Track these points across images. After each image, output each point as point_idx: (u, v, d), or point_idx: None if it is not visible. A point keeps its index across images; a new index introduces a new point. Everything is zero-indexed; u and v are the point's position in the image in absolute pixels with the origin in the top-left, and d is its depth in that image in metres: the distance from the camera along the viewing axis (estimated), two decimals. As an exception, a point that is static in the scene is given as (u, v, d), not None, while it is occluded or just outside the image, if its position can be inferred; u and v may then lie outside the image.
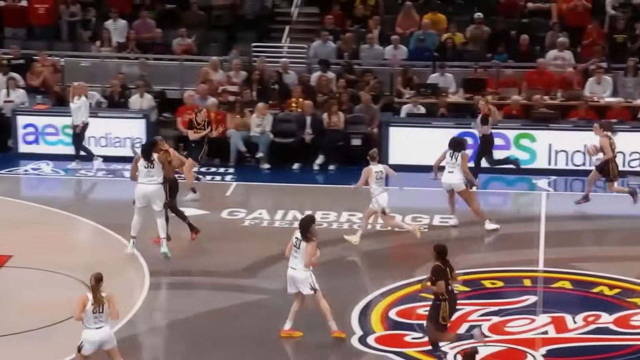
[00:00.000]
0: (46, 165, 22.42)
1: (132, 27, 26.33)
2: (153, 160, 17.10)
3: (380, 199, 17.95)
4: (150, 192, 17.20)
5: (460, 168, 18.55)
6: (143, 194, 17.23)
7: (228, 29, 27.12)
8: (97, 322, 12.44)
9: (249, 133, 23.03)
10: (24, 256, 17.26)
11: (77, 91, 22.18)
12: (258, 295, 16.00)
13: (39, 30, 26.71)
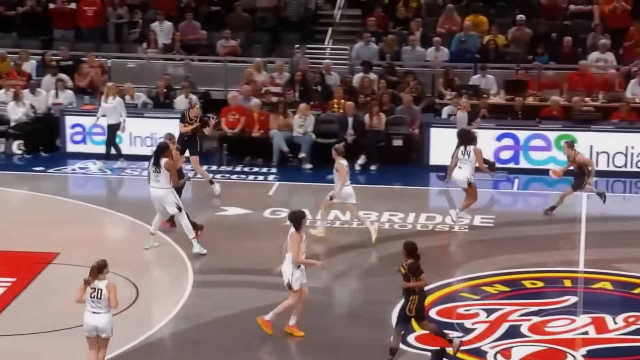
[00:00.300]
0: (93, 165, 22.53)
1: (178, 29, 26.41)
2: (160, 166, 17.12)
3: (345, 190, 18.11)
4: (158, 197, 17.34)
5: (471, 164, 18.43)
6: (152, 197, 17.43)
7: (272, 31, 27.13)
8: (93, 307, 12.63)
9: (291, 133, 23.01)
10: (70, 253, 17.34)
11: (111, 91, 22.27)
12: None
13: (87, 32, 26.86)
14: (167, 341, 14.49)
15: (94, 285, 12.61)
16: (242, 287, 16.31)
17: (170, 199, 17.26)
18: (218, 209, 19.81)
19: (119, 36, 27.00)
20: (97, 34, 26.88)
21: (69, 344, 14.25)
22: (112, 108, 22.13)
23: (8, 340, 14.45)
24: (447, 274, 16.62)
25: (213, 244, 17.86)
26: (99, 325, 12.67)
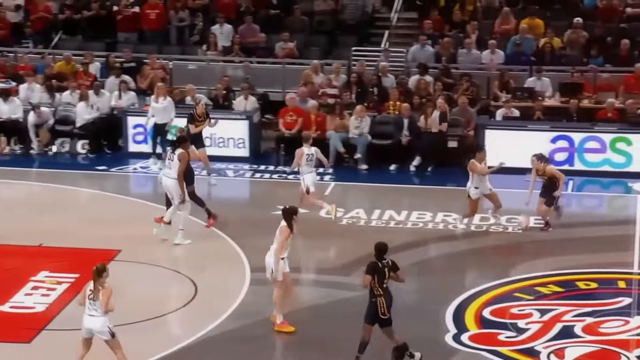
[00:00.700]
0: (154, 164, 22.64)
1: (237, 31, 26.49)
2: (174, 155, 17.36)
3: (307, 178, 18.60)
4: (167, 186, 17.60)
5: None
6: (163, 185, 17.77)
7: (329, 34, 27.11)
8: (90, 310, 12.64)
9: (347, 134, 22.98)
10: (131, 251, 17.45)
11: (161, 92, 22.38)
12: (352, 293, 15.89)
13: (150, 35, 27.04)
14: (224, 338, 14.51)
15: (91, 288, 12.57)
16: (298, 285, 16.28)
17: (176, 190, 17.48)
18: (274, 207, 19.80)
19: (180, 39, 27.15)
20: (159, 37, 27.04)
21: (127, 339, 14.32)
22: (163, 108, 22.23)
23: (71, 334, 14.57)
24: (501, 274, 16.47)
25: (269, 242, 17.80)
26: (94, 328, 12.64)
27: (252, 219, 19.26)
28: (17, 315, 15.07)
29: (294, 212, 14.57)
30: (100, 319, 12.62)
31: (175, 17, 27.15)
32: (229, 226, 18.51)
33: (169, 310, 15.01)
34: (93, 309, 12.64)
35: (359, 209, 19.87)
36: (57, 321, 14.92)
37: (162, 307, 15.05)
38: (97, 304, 12.60)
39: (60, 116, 23.77)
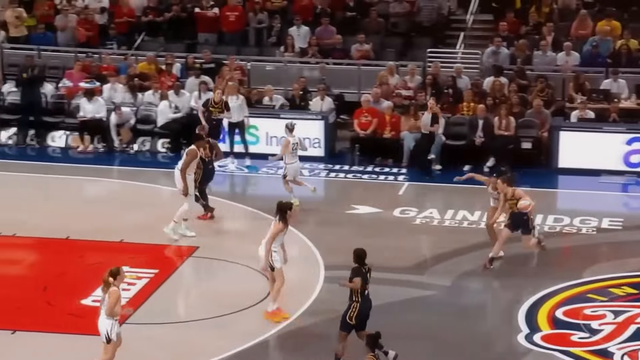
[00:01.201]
0: (231, 163, 22.75)
1: (314, 33, 26.51)
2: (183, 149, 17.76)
3: (290, 168, 19.34)
4: (176, 177, 17.90)
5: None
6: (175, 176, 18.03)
7: (404, 36, 26.99)
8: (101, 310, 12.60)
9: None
10: (209, 247, 17.56)
11: (232, 91, 22.47)
12: (425, 292, 15.82)
13: (229, 36, 27.18)
14: (298, 334, 14.53)
15: (105, 289, 12.52)
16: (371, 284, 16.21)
17: (178, 182, 17.66)
18: (349, 207, 19.81)
19: (258, 40, 27.25)
20: (238, 38, 27.16)
21: (203, 334, 14.44)
22: (237, 107, 22.33)
23: (150, 328, 14.73)
24: (574, 275, 16.25)
25: (344, 241, 17.83)
26: (99, 328, 12.56)
27: (327, 218, 19.27)
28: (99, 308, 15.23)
29: (288, 208, 14.67)
30: (103, 320, 12.49)
31: (254, 19, 27.26)
32: (304, 225, 18.51)
33: (244, 307, 15.06)
34: (102, 309, 12.56)
35: (433, 209, 19.76)
36: (137, 315, 15.07)
37: (238, 303, 15.11)
38: (104, 304, 12.48)
39: (142, 115, 24.03)
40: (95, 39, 26.74)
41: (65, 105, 24.55)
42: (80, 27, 26.58)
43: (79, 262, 16.93)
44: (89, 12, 26.96)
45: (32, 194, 20.40)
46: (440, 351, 13.97)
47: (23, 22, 26.62)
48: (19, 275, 16.75)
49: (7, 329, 14.55)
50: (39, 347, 14.07)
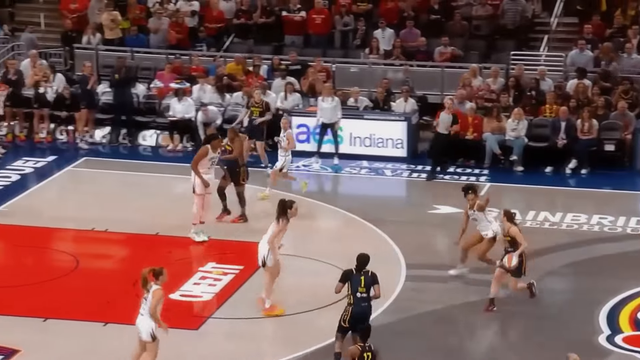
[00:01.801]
0: (316, 163, 22.82)
1: (399, 35, 26.45)
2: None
3: (288, 160, 19.86)
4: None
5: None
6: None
7: (487, 38, 26.78)
8: (140, 309, 12.60)
9: (504, 136, 22.65)
10: (292, 245, 17.58)
11: (327, 92, 22.49)
12: (505, 292, 15.65)
13: (315, 38, 27.26)
14: (378, 332, 14.50)
15: (148, 288, 12.53)
16: (451, 283, 16.16)
17: (194, 181, 17.68)
18: (430, 207, 19.73)
19: (344, 42, 27.28)
20: (324, 40, 27.23)
21: (283, 330, 14.54)
22: (331, 108, 22.37)
23: (235, 322, 14.87)
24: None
25: (425, 240, 17.82)
26: (139, 328, 12.58)
27: (408, 218, 19.23)
28: (186, 303, 15.46)
29: (289, 207, 14.89)
30: (145, 319, 12.52)
31: (339, 21, 27.30)
32: (386, 224, 18.50)
33: (325, 304, 15.10)
34: (143, 309, 12.58)
35: (514, 210, 19.49)
36: (223, 310, 15.23)
37: (319, 300, 15.16)
38: (146, 305, 12.52)
39: (229, 116, 24.22)
40: (185, 41, 27.06)
41: (156, 105, 24.90)
42: (171, 30, 26.94)
43: (167, 258, 17.16)
44: (180, 15, 27.29)
45: (123, 191, 20.74)
46: (520, 351, 13.85)
47: (118, 25, 27.07)
48: (110, 270, 17.07)
49: (98, 321, 14.84)
50: (128, 339, 14.28)
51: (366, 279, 13.27)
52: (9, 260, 17.53)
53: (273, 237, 14.79)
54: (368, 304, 13.25)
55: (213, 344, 14.43)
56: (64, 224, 18.65)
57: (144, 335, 12.57)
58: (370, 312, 13.31)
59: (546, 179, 21.98)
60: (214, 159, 17.88)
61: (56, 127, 24.54)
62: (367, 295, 13.24)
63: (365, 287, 13.22)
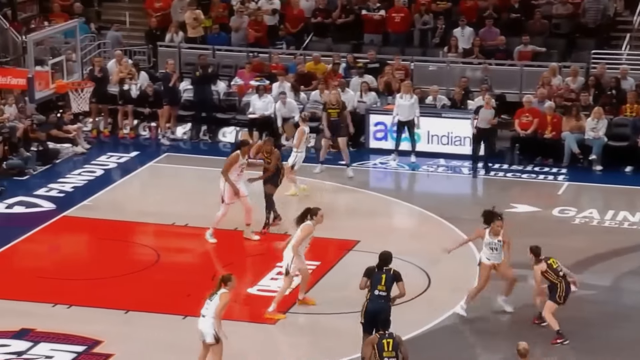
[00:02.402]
0: (392, 161, 22.82)
1: (478, 34, 26.30)
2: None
3: (300, 158, 19.80)
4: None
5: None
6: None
7: (568, 37, 26.49)
8: (203, 310, 12.65)
9: (583, 136, 22.39)
10: (369, 242, 17.69)
11: (406, 89, 22.44)
12: (585, 291, 15.52)
13: (394, 37, 27.24)
14: (454, 329, 14.52)
15: (216, 291, 12.62)
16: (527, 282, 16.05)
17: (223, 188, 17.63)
18: (508, 205, 19.60)
19: (422, 41, 27.21)
20: (403, 39, 27.20)
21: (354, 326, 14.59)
22: (409, 106, 22.33)
23: (311, 317, 14.99)
24: None
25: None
26: (201, 329, 12.66)
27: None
28: (263, 298, 15.61)
29: (314, 214, 14.99)
30: (209, 320, 12.61)
31: (419, 20, 27.24)
32: (462, 222, 18.45)
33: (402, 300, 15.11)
34: (205, 309, 12.66)
35: (592, 209, 19.38)
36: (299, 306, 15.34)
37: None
38: (210, 305, 12.58)
39: (308, 113, 24.28)
40: (264, 40, 27.27)
41: (236, 103, 25.15)
42: (250, 29, 27.17)
43: (245, 253, 17.36)
44: (260, 14, 27.50)
45: (203, 187, 20.97)
46: (599, 350, 13.72)
47: (200, 24, 27.39)
48: (190, 264, 17.31)
49: (178, 314, 15.08)
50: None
51: (387, 277, 13.30)
52: (92, 253, 17.91)
53: (297, 244, 14.85)
54: (385, 302, 13.24)
55: (290, 339, 14.57)
56: (146, 218, 18.98)
57: (208, 338, 12.70)
58: (389, 309, 13.25)
59: (626, 179, 21.68)
60: (243, 165, 17.82)
61: (139, 124, 24.95)
62: (387, 294, 13.24)
63: (385, 285, 13.23)
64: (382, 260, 13.44)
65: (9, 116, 23.06)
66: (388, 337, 12.12)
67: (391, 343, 12.05)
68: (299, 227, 15.03)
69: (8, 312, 15.10)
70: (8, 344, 14.13)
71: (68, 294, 15.75)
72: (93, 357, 13.90)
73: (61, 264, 17.03)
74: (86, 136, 24.24)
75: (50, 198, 20.23)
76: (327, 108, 21.63)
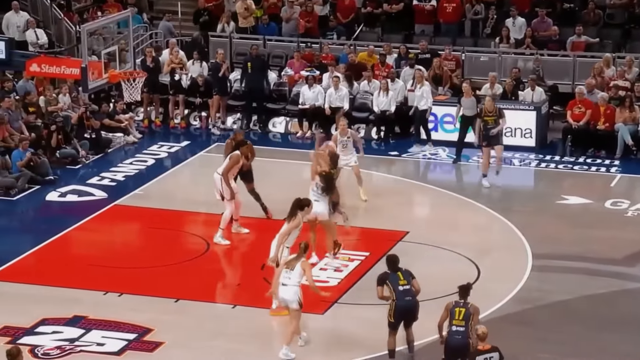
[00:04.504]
0: (442, 151, 22.73)
1: (530, 24, 26.08)
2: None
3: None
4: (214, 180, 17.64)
5: None
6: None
7: (622, 27, 26.17)
8: (284, 279, 13.30)
9: (637, 127, 22.13)
10: (419, 232, 17.69)
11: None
12: (636, 284, 15.37)
13: (445, 27, 27.11)
14: (505, 321, 14.46)
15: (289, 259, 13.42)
16: (578, 274, 15.96)
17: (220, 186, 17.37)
18: (559, 197, 19.46)
19: (474, 31, 27.05)
20: (454, 29, 27.07)
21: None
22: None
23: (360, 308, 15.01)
24: None
25: (552, 230, 17.58)
26: (285, 298, 13.32)
27: (536, 208, 19.03)
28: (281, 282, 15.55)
29: (306, 205, 14.86)
30: (292, 288, 13.26)
31: (470, 10, 27.09)
32: (513, 214, 18.36)
33: (451, 292, 15.08)
34: (287, 278, 13.28)
35: None
36: (348, 295, 15.38)
37: (445, 288, 15.15)
38: (292, 274, 13.23)
39: (358, 104, 24.33)
40: (314, 30, 27.28)
41: (286, 93, 25.20)
42: (301, 19, 27.20)
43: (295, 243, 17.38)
44: (311, 4, 27.52)
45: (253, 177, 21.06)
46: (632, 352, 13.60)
47: (251, 14, 27.49)
48: (239, 253, 17.41)
49: (228, 304, 15.18)
50: (254, 322, 14.60)
51: (404, 274, 13.32)
52: (143, 242, 18.08)
53: (283, 235, 14.70)
54: (412, 296, 13.25)
55: (338, 329, 14.60)
56: (196, 207, 19.10)
57: (294, 305, 13.33)
58: (417, 303, 13.26)
59: (680, 171, 21.44)
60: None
61: (190, 113, 25.11)
62: (410, 287, 13.25)
63: (406, 279, 13.25)
64: (390, 263, 13.45)
65: (63, 105, 23.33)
66: (462, 306, 12.42)
67: (463, 312, 12.33)
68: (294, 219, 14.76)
69: (61, 299, 15.30)
70: (61, 331, 14.33)
71: (119, 282, 15.93)
72: (143, 344, 14.05)
73: (112, 253, 17.21)
74: (138, 126, 24.43)
75: (102, 187, 20.45)
76: (484, 116, 20.33)
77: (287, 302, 13.38)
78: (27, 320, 14.54)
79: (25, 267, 16.66)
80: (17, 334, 14.23)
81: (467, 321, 12.28)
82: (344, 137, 19.11)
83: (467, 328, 12.24)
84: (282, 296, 13.42)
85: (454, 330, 12.45)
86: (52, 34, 26.84)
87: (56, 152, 21.91)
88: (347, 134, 19.21)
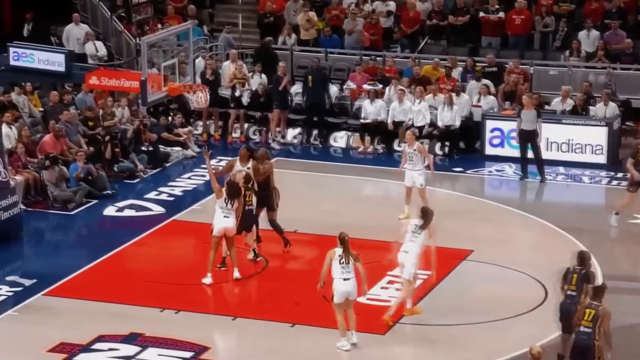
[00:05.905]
0: (509, 167, 22.61)
1: (603, 37, 25.84)
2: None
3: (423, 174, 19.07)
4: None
5: None
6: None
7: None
8: (344, 274, 14.07)
9: None
10: (483, 251, 17.60)
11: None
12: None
13: (513, 40, 26.99)
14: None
15: (339, 254, 14.19)
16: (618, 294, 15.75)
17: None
18: (631, 216, 19.24)
19: (543, 44, 26.89)
20: (523, 42, 26.92)
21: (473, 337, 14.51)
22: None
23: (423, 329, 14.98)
24: None
25: (624, 251, 17.39)
26: (350, 290, 14.15)
27: (606, 227, 18.82)
28: (373, 307, 15.63)
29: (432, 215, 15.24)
30: (352, 280, 14.09)
31: (540, 22, 26.93)
32: (583, 233, 18.19)
33: (517, 312, 15.01)
34: (346, 272, 14.04)
35: None
36: (411, 317, 15.33)
37: (511, 309, 15.10)
38: (349, 267, 14.03)
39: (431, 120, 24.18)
40: (379, 42, 27.32)
41: (348, 107, 25.26)
42: (365, 31, 27.26)
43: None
44: (375, 16, 27.56)
45: (313, 192, 21.15)
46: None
47: (313, 26, 27.62)
48: (298, 271, 17.46)
49: (286, 322, 15.24)
50: (314, 341, 14.63)
51: (578, 277, 13.48)
52: (201, 258, 18.20)
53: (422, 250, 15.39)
54: (572, 302, 13.45)
55: (400, 350, 14.58)
56: (255, 223, 19.15)
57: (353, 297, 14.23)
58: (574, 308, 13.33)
59: None
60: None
61: (249, 127, 25.28)
62: (577, 293, 13.40)
63: (575, 285, 13.43)
64: (581, 259, 13.65)
65: (121, 118, 23.64)
66: (593, 307, 12.62)
67: (592, 314, 12.58)
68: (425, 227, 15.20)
69: (118, 315, 15.48)
70: (117, 348, 14.49)
71: (176, 298, 16.06)
72: (200, 363, 14.15)
73: (170, 269, 17.36)
74: (196, 139, 24.65)
75: (159, 202, 20.66)
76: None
77: (349, 294, 14.13)
78: (84, 337, 14.73)
79: (82, 283, 16.88)
80: (74, 350, 14.42)
81: (594, 323, 12.57)
82: (412, 148, 19.11)
83: (594, 330, 12.54)
84: (345, 289, 14.11)
85: (581, 330, 12.71)
86: (111, 46, 27.24)
87: (114, 166, 22.21)
88: (414, 145, 19.18)
